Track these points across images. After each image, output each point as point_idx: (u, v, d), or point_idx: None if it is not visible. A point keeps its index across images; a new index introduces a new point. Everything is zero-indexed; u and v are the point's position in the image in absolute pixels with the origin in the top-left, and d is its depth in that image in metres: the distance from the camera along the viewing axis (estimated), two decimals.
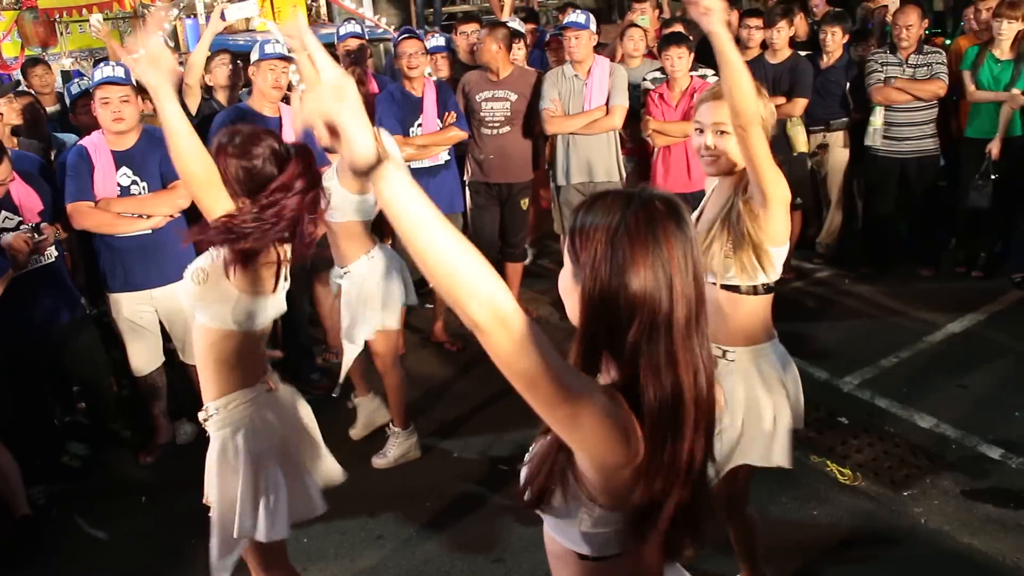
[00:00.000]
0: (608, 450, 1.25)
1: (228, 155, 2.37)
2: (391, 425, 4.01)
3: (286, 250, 2.48)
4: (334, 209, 3.68)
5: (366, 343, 3.84)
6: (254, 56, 4.40)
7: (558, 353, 1.18)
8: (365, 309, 3.76)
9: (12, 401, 3.87)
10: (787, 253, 2.42)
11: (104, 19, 7.61)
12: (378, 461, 3.95)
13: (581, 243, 1.30)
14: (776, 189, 2.24)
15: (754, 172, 2.21)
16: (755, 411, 2.47)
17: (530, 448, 1.48)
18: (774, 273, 2.40)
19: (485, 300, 1.11)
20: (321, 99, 1.07)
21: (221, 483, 2.44)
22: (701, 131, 2.40)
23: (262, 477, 2.44)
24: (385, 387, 3.98)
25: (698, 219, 2.50)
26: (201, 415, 2.49)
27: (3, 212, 3.73)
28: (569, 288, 1.36)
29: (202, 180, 2.19)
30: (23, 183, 3.81)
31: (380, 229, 4.81)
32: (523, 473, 1.43)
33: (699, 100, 2.45)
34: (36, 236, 3.72)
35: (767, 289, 2.43)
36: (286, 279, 2.52)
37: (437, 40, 5.56)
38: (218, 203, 2.25)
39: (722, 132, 2.33)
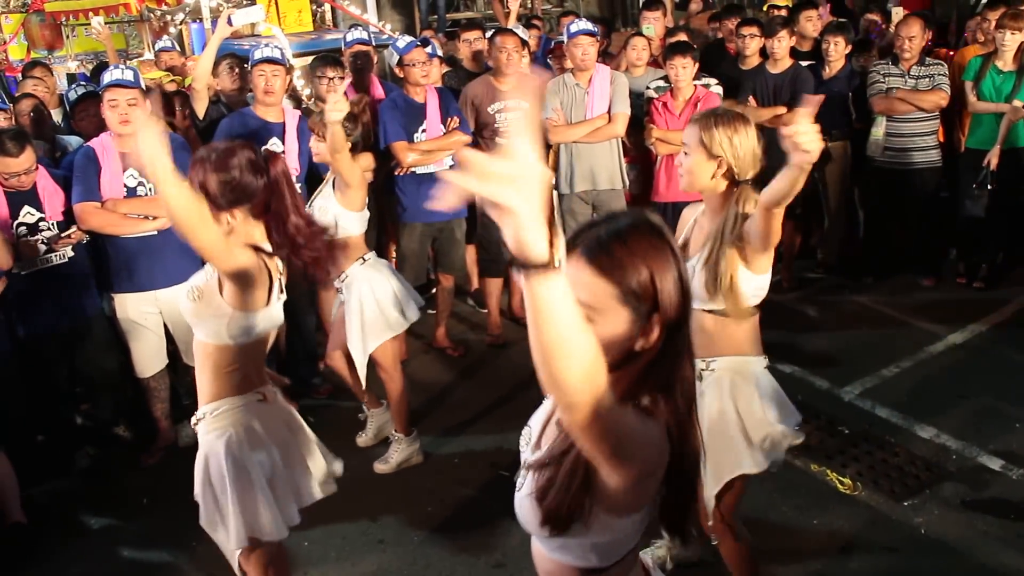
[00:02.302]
0: (650, 469, 1.30)
1: (207, 171, 2.42)
2: (393, 431, 4.02)
3: (278, 264, 2.53)
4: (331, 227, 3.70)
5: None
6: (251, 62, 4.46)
7: (618, 407, 1.21)
8: (374, 316, 3.75)
9: (25, 398, 3.89)
10: (768, 281, 2.54)
11: (107, 22, 7.64)
12: (380, 467, 3.95)
13: (658, 283, 1.31)
14: (775, 240, 2.38)
15: (764, 238, 2.34)
16: (721, 421, 2.55)
17: (520, 478, 1.46)
18: (755, 299, 2.53)
19: (590, 384, 1.11)
20: (510, 177, 0.98)
21: (204, 486, 2.52)
22: None
23: (248, 483, 2.49)
24: (387, 393, 3.99)
25: (684, 245, 2.63)
26: (193, 418, 2.55)
27: (26, 207, 3.77)
28: (620, 334, 1.33)
29: (195, 222, 2.24)
30: (50, 179, 3.85)
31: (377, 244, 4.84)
32: (535, 505, 1.38)
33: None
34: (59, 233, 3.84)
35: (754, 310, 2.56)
36: (281, 292, 2.56)
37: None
38: (208, 237, 2.29)
39: (686, 153, 2.53)
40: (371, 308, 3.74)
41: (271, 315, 2.52)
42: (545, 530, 1.38)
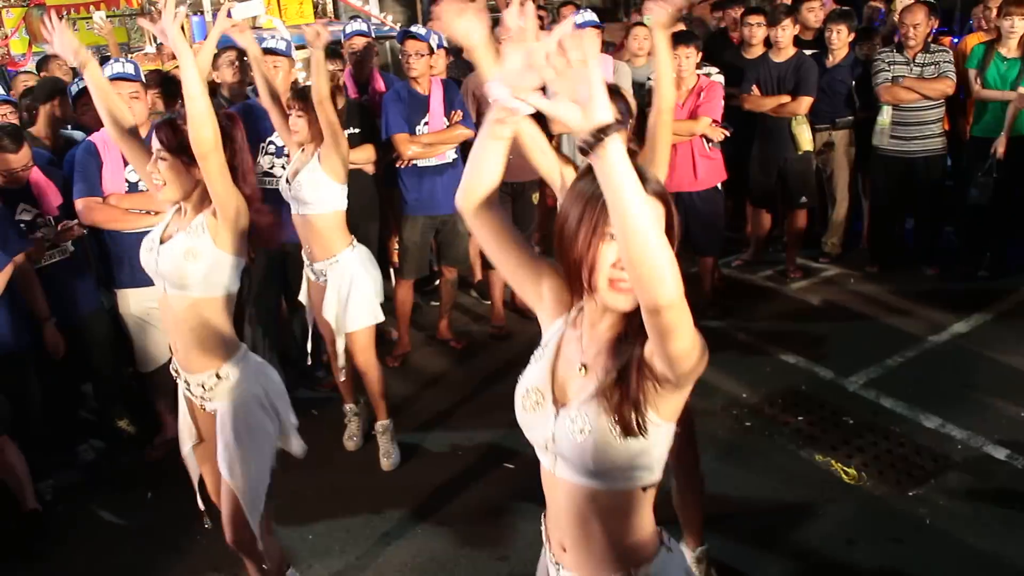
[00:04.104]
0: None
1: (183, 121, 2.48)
2: (377, 422, 3.98)
3: None
4: (318, 201, 3.69)
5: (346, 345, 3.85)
6: None
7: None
8: (358, 299, 3.75)
9: (35, 393, 3.89)
10: None
11: (108, 16, 7.63)
12: (388, 462, 3.93)
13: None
14: None
15: None
16: None
17: (570, 424, 1.49)
18: None
19: (676, 276, 1.21)
20: (569, 78, 1.12)
21: (253, 443, 2.61)
22: None
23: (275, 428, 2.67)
24: (367, 383, 3.94)
25: None
26: (206, 383, 2.59)
27: (21, 204, 3.77)
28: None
29: (211, 144, 2.35)
30: (42, 175, 3.85)
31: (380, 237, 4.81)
32: (609, 427, 1.44)
33: None
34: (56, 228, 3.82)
35: None
36: None
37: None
38: (220, 166, 2.40)
39: None
40: (358, 292, 3.74)
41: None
42: (625, 442, 1.43)
